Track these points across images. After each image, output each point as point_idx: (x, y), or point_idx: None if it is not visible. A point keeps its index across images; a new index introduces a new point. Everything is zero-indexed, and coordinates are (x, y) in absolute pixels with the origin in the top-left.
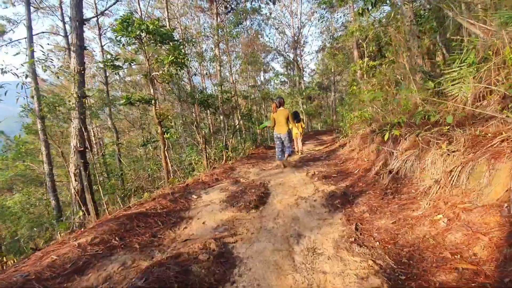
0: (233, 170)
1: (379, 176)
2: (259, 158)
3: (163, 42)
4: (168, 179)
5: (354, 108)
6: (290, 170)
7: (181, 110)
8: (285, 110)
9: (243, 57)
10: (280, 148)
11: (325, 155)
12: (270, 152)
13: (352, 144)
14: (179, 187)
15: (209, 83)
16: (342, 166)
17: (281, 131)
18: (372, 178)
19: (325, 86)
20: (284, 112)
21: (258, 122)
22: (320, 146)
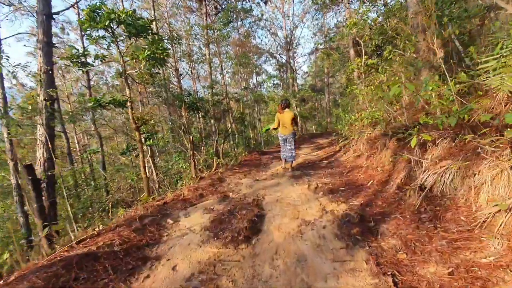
0: (222, 181)
1: (403, 193)
2: (252, 166)
3: (139, 35)
4: (149, 192)
5: (352, 109)
6: (287, 181)
7: (169, 114)
8: (290, 112)
9: (234, 58)
10: (285, 149)
11: (325, 161)
12: (264, 158)
13: (357, 149)
14: (154, 207)
15: (200, 86)
16: (350, 176)
17: (286, 132)
18: (394, 194)
19: (319, 88)
20: (289, 114)
21: (250, 126)
22: (318, 151)
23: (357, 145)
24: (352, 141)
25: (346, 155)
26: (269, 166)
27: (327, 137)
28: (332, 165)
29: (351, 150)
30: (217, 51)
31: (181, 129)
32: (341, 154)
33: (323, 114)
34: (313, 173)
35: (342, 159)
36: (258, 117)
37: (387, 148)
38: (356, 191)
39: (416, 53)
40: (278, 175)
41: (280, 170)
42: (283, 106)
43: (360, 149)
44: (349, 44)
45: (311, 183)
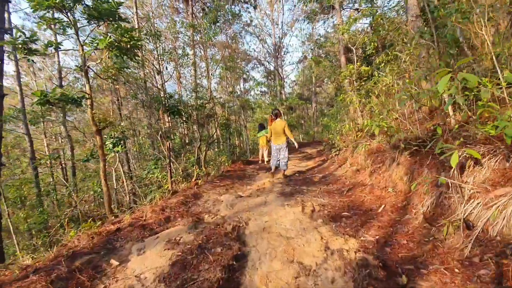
0: (198, 198)
1: (436, 229)
2: (236, 178)
3: (101, 19)
4: (110, 207)
5: (343, 118)
6: (276, 199)
7: (148, 117)
8: (282, 121)
9: (220, 61)
10: (277, 159)
11: (319, 175)
12: (249, 169)
13: (354, 162)
14: (102, 236)
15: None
16: (352, 197)
17: (279, 142)
18: (421, 229)
19: (306, 97)
20: (281, 123)
21: (236, 133)
22: (307, 161)
23: (355, 158)
24: (346, 152)
25: (342, 169)
26: (255, 178)
27: (315, 147)
28: (327, 180)
29: (347, 163)
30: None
31: (159, 134)
32: (335, 167)
33: (310, 123)
34: (306, 189)
35: (338, 173)
36: (244, 124)
37: (398, 164)
38: (364, 218)
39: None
40: (265, 190)
41: (267, 184)
42: (273, 117)
43: (358, 163)
44: (340, 51)
45: (306, 204)
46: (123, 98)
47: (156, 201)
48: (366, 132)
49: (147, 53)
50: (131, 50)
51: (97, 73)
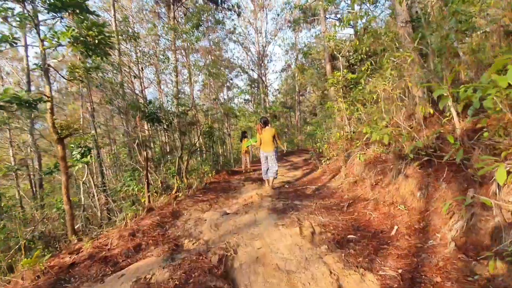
0: (177, 216)
1: (477, 262)
2: (220, 191)
3: (65, 10)
4: (73, 229)
5: (330, 126)
6: (268, 217)
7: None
8: (270, 129)
9: (203, 66)
10: (266, 167)
11: (311, 186)
12: (234, 180)
13: (350, 173)
14: (50, 274)
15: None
16: (354, 214)
17: (268, 150)
18: (453, 259)
19: (289, 106)
20: (270, 131)
21: (220, 141)
22: (295, 171)
23: (349, 168)
24: (337, 162)
25: (336, 180)
26: (241, 190)
27: (300, 155)
28: (322, 193)
29: (342, 173)
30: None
31: (136, 143)
32: (327, 178)
33: (294, 131)
34: (300, 204)
35: (332, 185)
36: (228, 132)
37: (406, 176)
38: (376, 243)
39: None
40: (254, 205)
41: (255, 198)
42: (262, 126)
43: (354, 173)
44: (326, 58)
45: (303, 223)
46: (99, 104)
47: (126, 223)
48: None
49: (125, 56)
50: (100, 47)
51: (60, 73)
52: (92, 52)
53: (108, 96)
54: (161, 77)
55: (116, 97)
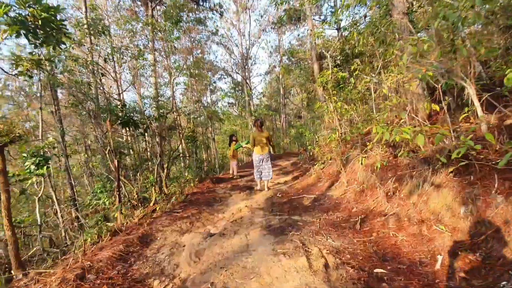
0: (147, 242)
1: None
2: (204, 203)
3: None
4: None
5: (318, 127)
6: (263, 240)
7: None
8: (264, 132)
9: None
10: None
11: (308, 195)
12: (220, 189)
13: (352, 180)
14: None
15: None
16: (372, 234)
17: (264, 152)
18: None
19: (274, 109)
20: (266, 133)
21: (204, 146)
22: (285, 176)
23: (351, 174)
24: (332, 166)
25: (337, 188)
26: (227, 201)
27: (288, 159)
28: (323, 203)
29: (342, 180)
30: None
31: (107, 150)
32: (325, 185)
33: (279, 135)
34: (300, 220)
35: (333, 194)
36: (212, 136)
37: (436, 186)
38: (420, 283)
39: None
40: (244, 221)
41: (244, 211)
42: (260, 125)
43: (358, 180)
44: (313, 58)
45: (310, 250)
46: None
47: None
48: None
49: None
50: (46, 30)
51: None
52: (34, 36)
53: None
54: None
55: (86, 99)
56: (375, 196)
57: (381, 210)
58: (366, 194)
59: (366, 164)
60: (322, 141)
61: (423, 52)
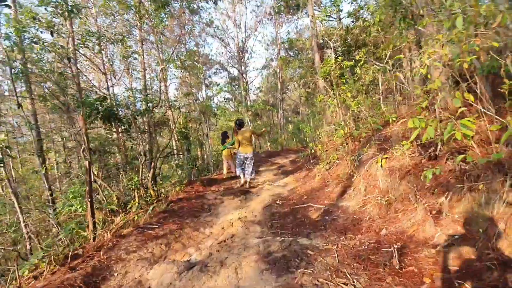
0: (94, 285)
1: None
2: (189, 213)
3: None
4: None
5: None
6: (258, 276)
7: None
8: (247, 129)
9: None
10: (241, 168)
11: (315, 205)
12: (210, 193)
13: (372, 187)
14: None
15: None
16: (424, 280)
17: (247, 151)
18: None
19: (271, 104)
20: (247, 132)
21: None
22: (285, 177)
23: (369, 179)
24: (340, 167)
25: (351, 197)
26: (218, 210)
27: (286, 156)
28: (337, 219)
29: (358, 187)
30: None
31: (82, 148)
32: (334, 191)
33: (277, 130)
34: (310, 246)
35: (349, 206)
36: (207, 132)
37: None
38: None
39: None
40: (235, 242)
41: (236, 226)
42: (238, 127)
43: (379, 188)
44: (314, 47)
45: None
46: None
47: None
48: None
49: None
50: None
51: None
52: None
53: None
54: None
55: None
56: (410, 213)
57: (427, 237)
58: (395, 209)
59: (390, 167)
60: (325, 137)
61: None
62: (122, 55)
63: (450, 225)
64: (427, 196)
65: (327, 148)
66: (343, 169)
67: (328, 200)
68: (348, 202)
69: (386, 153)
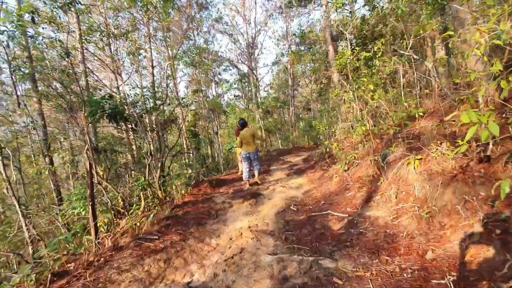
0: None
1: None
2: (194, 220)
3: None
4: None
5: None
6: None
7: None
8: (249, 129)
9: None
10: (247, 168)
11: (335, 212)
12: (219, 196)
13: (405, 194)
14: None
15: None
16: None
17: (249, 150)
18: None
19: (282, 101)
20: (249, 131)
21: (208, 141)
22: (298, 177)
23: (400, 184)
24: (361, 168)
25: (379, 205)
26: (226, 216)
27: (298, 154)
28: (365, 233)
29: (389, 193)
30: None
31: (85, 149)
32: (357, 196)
33: (288, 127)
34: (336, 270)
35: (378, 216)
36: (216, 130)
37: None
38: None
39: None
40: (244, 260)
41: (247, 237)
42: (240, 128)
43: (415, 195)
44: (327, 39)
45: None
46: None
47: None
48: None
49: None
50: None
51: None
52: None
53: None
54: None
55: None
56: (463, 230)
57: (492, 266)
58: (441, 225)
59: (426, 170)
60: (341, 135)
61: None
62: (128, 52)
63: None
64: (484, 209)
65: (343, 146)
66: (365, 171)
67: (351, 208)
68: (376, 211)
69: (418, 153)
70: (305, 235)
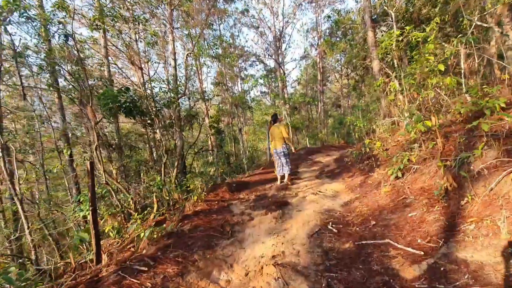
0: None
1: None
2: (200, 242)
3: None
4: None
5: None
6: None
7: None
8: (279, 125)
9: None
10: (279, 164)
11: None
12: (237, 204)
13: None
14: None
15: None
16: None
17: (277, 146)
18: None
19: (310, 97)
20: (279, 128)
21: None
22: (332, 182)
23: (508, 207)
24: (420, 176)
25: (479, 241)
26: (243, 235)
27: (329, 153)
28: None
29: (488, 223)
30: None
31: (95, 146)
32: (426, 219)
33: (316, 125)
34: None
35: (479, 262)
36: (241, 126)
37: None
38: None
39: None
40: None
41: (268, 274)
42: (273, 122)
43: None
44: (367, 22)
45: None
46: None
47: None
48: None
49: None
50: None
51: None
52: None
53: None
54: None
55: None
56: None
57: None
58: None
59: None
60: (386, 132)
61: None
62: (147, 42)
63: None
64: None
65: (388, 146)
66: (430, 181)
67: (423, 239)
68: (475, 251)
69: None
70: (358, 281)
